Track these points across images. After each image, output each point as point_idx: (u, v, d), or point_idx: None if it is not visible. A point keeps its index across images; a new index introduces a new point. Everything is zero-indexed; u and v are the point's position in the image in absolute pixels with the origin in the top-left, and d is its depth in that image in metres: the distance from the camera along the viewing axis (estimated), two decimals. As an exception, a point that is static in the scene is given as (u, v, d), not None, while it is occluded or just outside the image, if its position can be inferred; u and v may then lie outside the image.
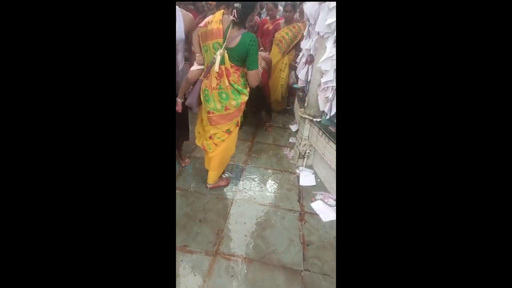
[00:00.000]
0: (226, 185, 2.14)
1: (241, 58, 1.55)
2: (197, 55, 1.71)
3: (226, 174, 2.29)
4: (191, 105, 1.80)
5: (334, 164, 2.02)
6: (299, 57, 2.84)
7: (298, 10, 3.14)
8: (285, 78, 3.20)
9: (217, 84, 1.64)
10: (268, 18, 3.27)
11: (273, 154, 2.68)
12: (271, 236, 1.75)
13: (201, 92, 1.74)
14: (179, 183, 2.14)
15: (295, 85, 2.97)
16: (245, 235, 1.74)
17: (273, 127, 3.15)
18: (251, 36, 1.51)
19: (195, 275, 1.45)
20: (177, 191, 2.05)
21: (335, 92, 1.96)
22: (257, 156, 2.62)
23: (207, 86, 1.69)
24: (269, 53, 3.07)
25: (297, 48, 3.03)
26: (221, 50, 1.52)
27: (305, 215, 1.96)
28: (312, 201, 2.09)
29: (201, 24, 1.60)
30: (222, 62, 1.55)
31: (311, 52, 2.38)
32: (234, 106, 1.70)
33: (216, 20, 1.53)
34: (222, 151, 1.90)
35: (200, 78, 1.74)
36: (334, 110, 1.99)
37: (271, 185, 2.24)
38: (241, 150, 2.66)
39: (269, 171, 2.42)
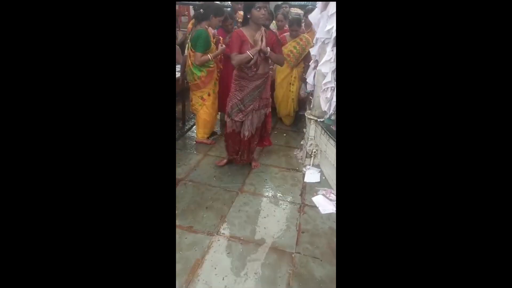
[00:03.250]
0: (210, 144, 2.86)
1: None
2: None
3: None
4: None
5: (334, 161, 2.13)
6: (311, 62, 2.98)
7: (303, 22, 3.22)
8: (296, 91, 3.20)
9: None
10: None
11: (284, 155, 2.83)
12: (269, 223, 1.90)
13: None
14: (193, 176, 2.38)
15: (307, 91, 3.11)
16: (245, 221, 1.90)
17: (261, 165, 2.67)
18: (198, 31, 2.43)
19: (195, 250, 1.65)
20: (189, 183, 2.29)
21: (333, 92, 2.10)
22: (268, 156, 2.78)
23: None
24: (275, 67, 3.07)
25: (305, 59, 3.07)
26: None
27: (305, 207, 2.08)
28: (314, 196, 2.20)
29: None
30: None
31: (317, 57, 2.54)
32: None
33: None
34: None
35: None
36: (332, 110, 2.12)
37: (276, 181, 2.39)
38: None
39: (277, 169, 2.57)
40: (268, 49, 2.04)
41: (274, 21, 3.61)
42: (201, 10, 2.51)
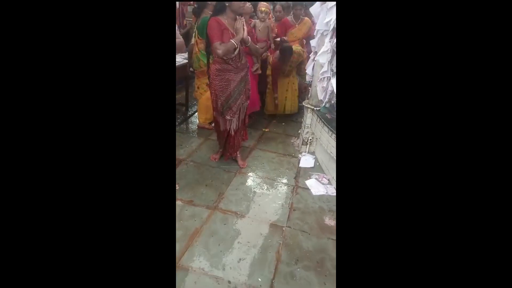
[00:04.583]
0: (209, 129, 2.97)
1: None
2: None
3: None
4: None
5: (327, 147, 2.27)
6: (311, 54, 3.09)
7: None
8: (297, 86, 3.29)
9: None
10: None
11: (281, 142, 2.97)
12: (264, 201, 2.05)
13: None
14: (194, 157, 2.53)
15: (307, 81, 3.23)
16: (242, 198, 2.05)
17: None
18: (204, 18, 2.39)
19: (195, 221, 1.80)
20: (191, 163, 2.43)
21: (329, 82, 2.22)
22: (266, 143, 2.92)
23: None
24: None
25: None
26: None
27: (298, 189, 2.23)
28: (307, 179, 2.34)
29: None
30: None
31: (316, 49, 2.65)
32: None
33: None
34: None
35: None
36: (327, 98, 2.25)
37: (273, 165, 2.53)
38: (252, 137, 2.98)
39: (274, 154, 2.71)
40: (249, 38, 2.02)
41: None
42: (195, 5, 2.73)
